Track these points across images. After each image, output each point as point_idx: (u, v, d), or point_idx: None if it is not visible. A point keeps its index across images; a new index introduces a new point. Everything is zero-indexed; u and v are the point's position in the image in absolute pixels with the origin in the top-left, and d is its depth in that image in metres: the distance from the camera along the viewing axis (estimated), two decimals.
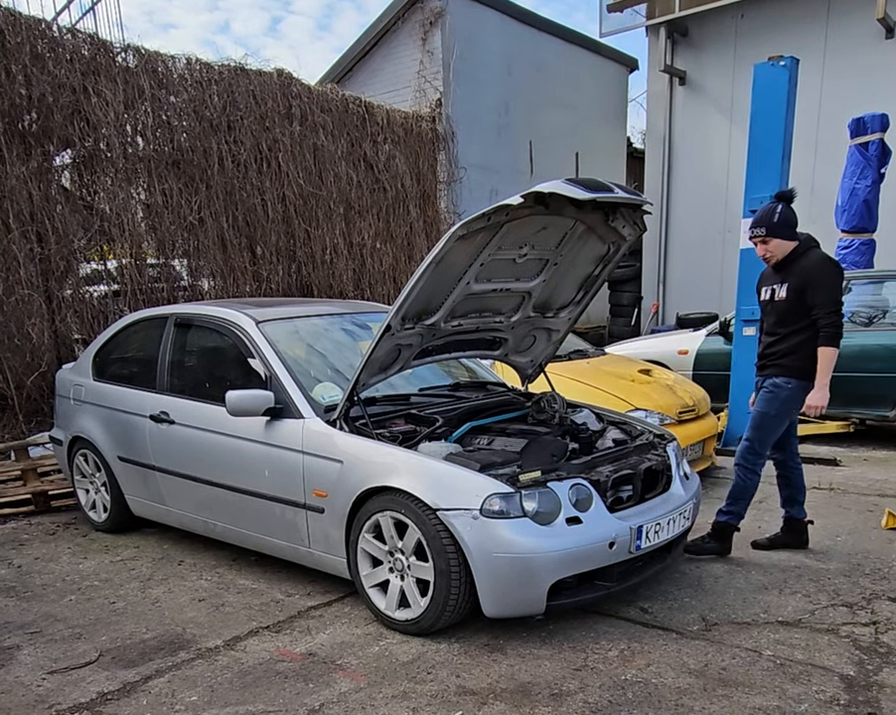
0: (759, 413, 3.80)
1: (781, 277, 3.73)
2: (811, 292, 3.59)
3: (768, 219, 3.70)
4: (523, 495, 2.95)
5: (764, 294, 3.88)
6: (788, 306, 3.70)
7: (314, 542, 3.48)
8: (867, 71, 9.24)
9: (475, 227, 3.09)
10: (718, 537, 3.94)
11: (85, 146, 6.65)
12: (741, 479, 3.88)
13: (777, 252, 3.71)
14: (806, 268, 3.64)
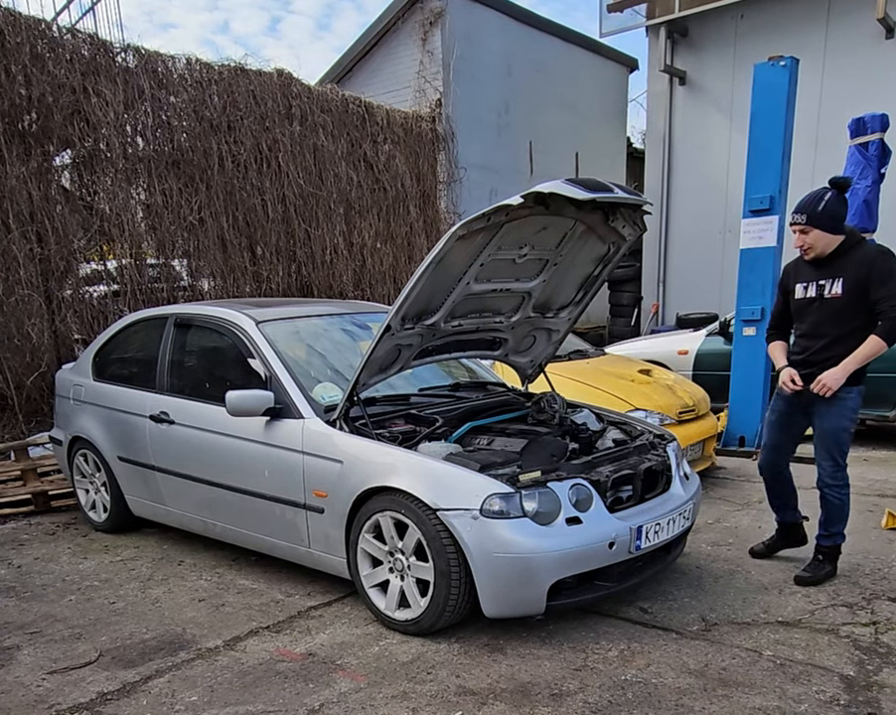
0: (834, 431, 3.45)
1: (830, 272, 3.36)
2: (876, 286, 3.25)
3: (811, 207, 3.35)
4: (523, 495, 2.95)
5: (803, 291, 3.47)
6: (845, 304, 3.34)
7: (314, 542, 3.48)
8: (867, 72, 9.24)
9: (475, 227, 3.09)
10: (832, 560, 3.64)
11: (85, 146, 6.65)
12: (838, 499, 3.52)
13: (816, 245, 3.36)
14: (866, 261, 3.30)
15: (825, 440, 3.47)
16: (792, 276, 3.57)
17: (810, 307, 3.45)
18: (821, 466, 3.50)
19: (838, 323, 3.36)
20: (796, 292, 3.50)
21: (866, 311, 3.30)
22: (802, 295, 3.48)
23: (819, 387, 3.35)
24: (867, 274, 3.27)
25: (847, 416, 3.47)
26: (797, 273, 3.54)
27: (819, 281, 3.40)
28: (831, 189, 3.40)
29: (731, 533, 4.36)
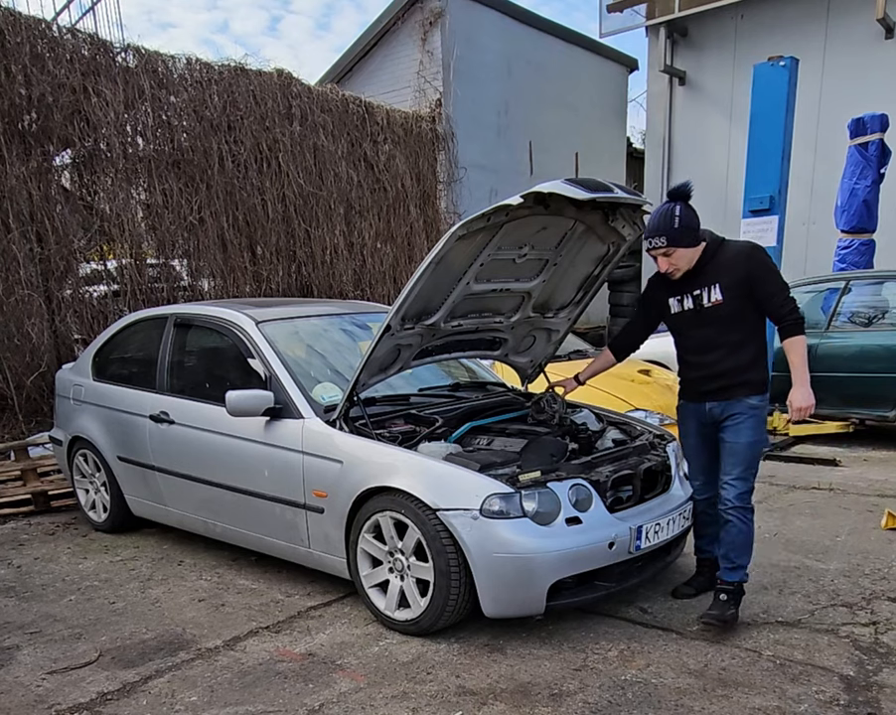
0: (748, 444, 3.10)
1: (703, 280, 3.09)
2: (760, 283, 3.02)
3: (668, 227, 3.01)
4: (523, 495, 2.95)
5: (679, 305, 3.16)
6: (731, 309, 3.06)
7: (314, 542, 3.48)
8: (867, 72, 9.24)
9: (475, 228, 3.09)
10: (736, 601, 3.17)
11: (85, 146, 6.65)
12: (745, 523, 3.10)
13: (681, 264, 3.07)
14: (739, 259, 3.05)
15: (739, 455, 3.09)
16: (661, 290, 3.23)
17: (690, 320, 3.15)
18: (729, 485, 3.09)
19: (731, 329, 3.09)
20: (671, 307, 3.20)
21: (753, 310, 3.08)
22: (678, 309, 3.17)
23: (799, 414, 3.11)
24: (745, 273, 3.02)
25: (762, 427, 3.20)
26: (667, 286, 3.19)
27: (692, 292, 3.11)
28: (677, 201, 3.06)
29: None
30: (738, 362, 3.12)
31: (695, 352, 3.20)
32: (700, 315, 3.12)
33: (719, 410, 3.16)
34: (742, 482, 3.09)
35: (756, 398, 3.15)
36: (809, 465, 5.98)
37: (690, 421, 3.31)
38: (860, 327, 6.59)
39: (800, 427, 6.67)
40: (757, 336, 3.18)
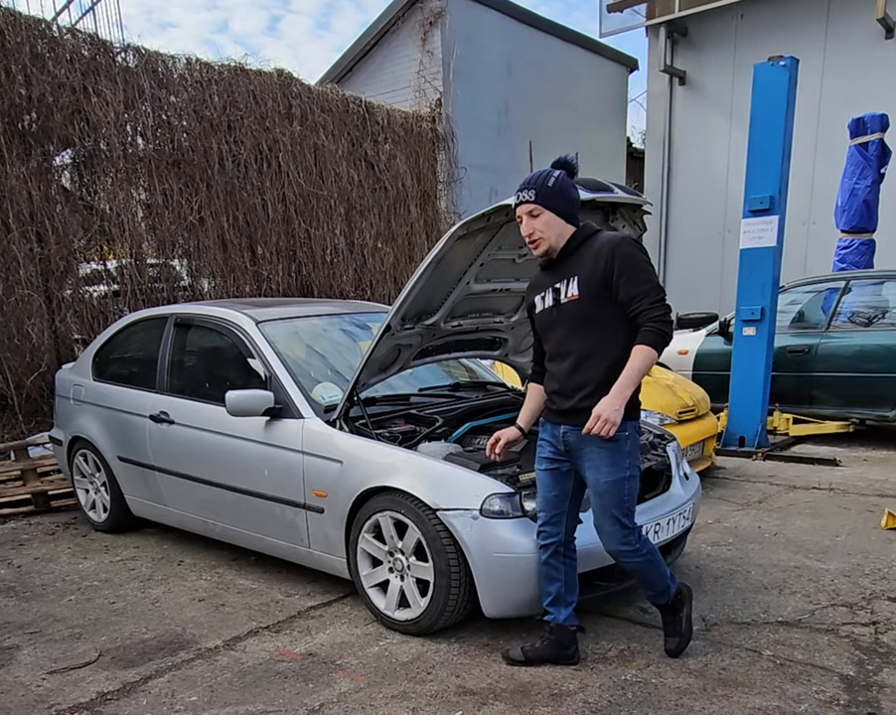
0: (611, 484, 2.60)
1: (565, 272, 2.62)
2: (624, 279, 2.50)
3: (541, 182, 2.60)
4: (523, 495, 2.95)
5: (542, 302, 2.71)
6: (585, 307, 2.57)
7: (314, 542, 3.48)
8: (867, 72, 9.25)
9: (475, 227, 3.09)
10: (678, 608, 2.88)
11: (85, 146, 6.65)
12: (637, 564, 2.72)
13: (548, 233, 2.59)
14: (604, 249, 2.55)
15: (602, 497, 2.63)
16: (531, 292, 2.80)
17: (549, 319, 2.68)
18: (601, 531, 2.68)
19: (585, 334, 2.59)
20: (536, 306, 2.73)
21: (616, 315, 2.55)
22: (541, 307, 2.71)
23: (598, 426, 2.45)
24: (606, 264, 2.52)
25: (624, 462, 2.61)
26: (535, 287, 2.77)
27: (554, 285, 2.65)
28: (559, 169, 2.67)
29: (731, 533, 4.36)
30: (591, 377, 2.58)
31: (552, 358, 2.71)
32: (558, 312, 2.64)
33: (574, 439, 2.63)
34: (616, 526, 2.64)
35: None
36: (809, 465, 5.98)
37: (546, 444, 2.77)
38: (860, 327, 6.59)
39: (799, 427, 6.68)
40: (617, 346, 2.56)
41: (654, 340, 2.48)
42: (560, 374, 2.66)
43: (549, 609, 2.86)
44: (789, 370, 6.68)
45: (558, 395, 2.68)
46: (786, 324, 6.88)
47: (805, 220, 9.63)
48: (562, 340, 2.64)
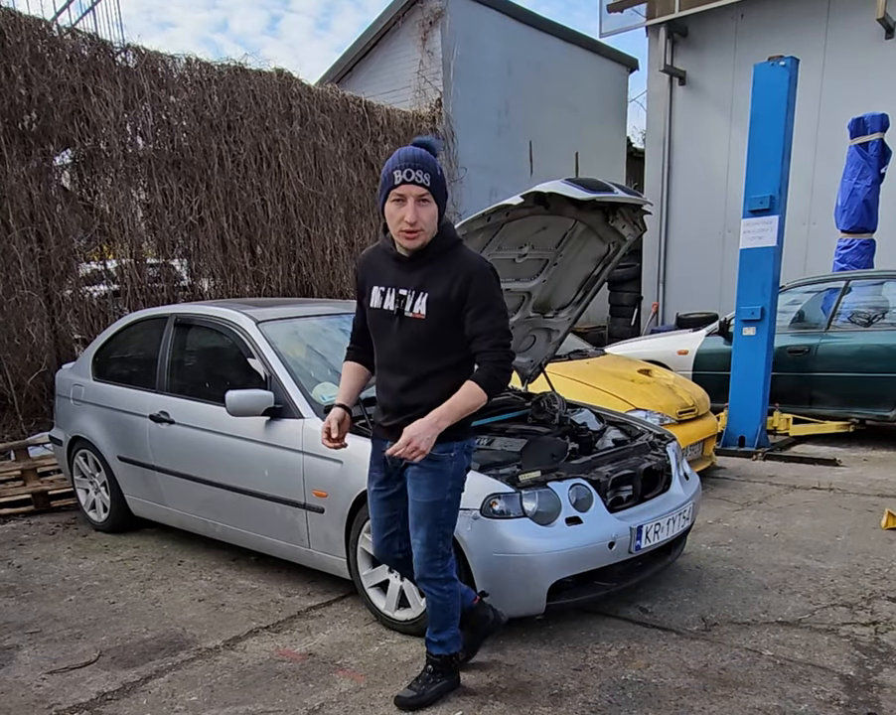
0: (429, 505, 2.48)
1: (416, 280, 2.38)
2: (473, 312, 2.33)
3: (433, 167, 2.29)
4: (524, 495, 2.95)
5: (381, 299, 2.44)
6: (431, 330, 2.37)
7: (314, 542, 3.48)
8: (867, 72, 9.24)
9: (475, 227, 3.09)
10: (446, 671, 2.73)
11: (85, 146, 6.66)
12: (439, 598, 2.60)
13: (430, 230, 2.33)
14: (461, 273, 2.33)
15: (419, 517, 2.50)
16: (368, 272, 2.50)
17: (388, 324, 2.44)
18: (415, 549, 2.55)
19: (423, 355, 2.41)
20: (372, 297, 2.46)
21: (461, 342, 2.39)
22: (378, 304, 2.45)
23: (406, 450, 2.29)
24: (460, 292, 2.33)
25: (446, 484, 2.48)
26: (375, 269, 2.47)
27: (399, 288, 2.40)
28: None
29: (731, 533, 4.36)
30: (424, 399, 2.39)
31: (385, 366, 2.51)
32: (399, 323, 2.41)
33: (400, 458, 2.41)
34: (427, 548, 2.51)
35: (438, 448, 2.37)
36: (809, 465, 5.98)
37: (376, 467, 2.61)
38: (860, 327, 6.59)
39: (800, 427, 6.68)
40: (459, 373, 2.39)
41: (487, 382, 2.34)
42: (393, 389, 2.48)
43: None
44: (789, 370, 6.68)
45: (389, 410, 2.51)
46: (786, 324, 6.87)
47: (805, 220, 9.63)
48: (399, 353, 2.44)
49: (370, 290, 2.47)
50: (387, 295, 2.43)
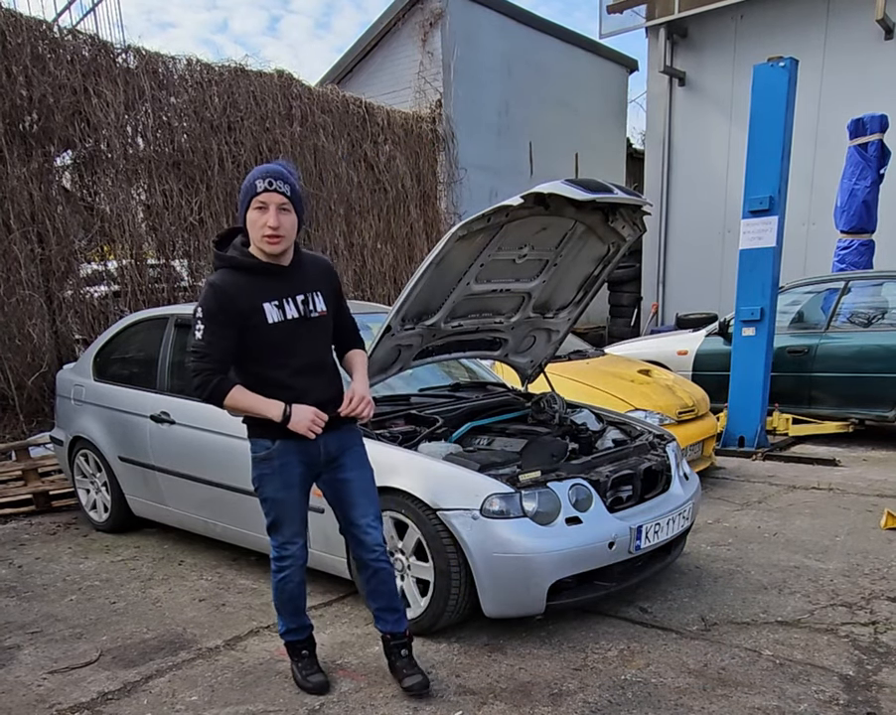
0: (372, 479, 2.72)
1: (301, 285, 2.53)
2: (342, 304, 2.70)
3: (294, 181, 2.46)
4: (523, 495, 2.95)
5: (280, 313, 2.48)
6: (329, 323, 2.62)
7: (314, 542, 3.47)
8: (867, 72, 9.25)
9: (475, 228, 3.10)
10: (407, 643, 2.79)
11: (86, 147, 6.66)
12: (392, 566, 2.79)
13: (291, 237, 2.47)
14: (328, 271, 2.66)
15: (371, 492, 2.68)
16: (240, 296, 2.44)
17: (296, 331, 2.50)
18: (371, 528, 2.64)
19: (327, 348, 2.66)
20: (267, 315, 2.46)
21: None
22: (279, 317, 2.48)
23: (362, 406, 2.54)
24: (335, 287, 2.66)
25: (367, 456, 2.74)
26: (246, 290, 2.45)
27: (295, 296, 2.51)
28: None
29: (731, 533, 4.37)
30: (337, 388, 2.63)
31: (306, 372, 2.54)
32: (308, 325, 2.53)
33: (336, 444, 2.61)
34: (379, 521, 2.69)
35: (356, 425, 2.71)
36: (808, 465, 5.99)
37: (294, 466, 2.59)
38: (860, 327, 6.60)
39: (799, 427, 6.68)
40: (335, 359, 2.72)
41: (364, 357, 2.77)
42: (317, 389, 2.55)
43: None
44: (788, 371, 6.68)
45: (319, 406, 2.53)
46: (785, 324, 6.88)
47: (804, 221, 9.63)
48: (315, 353, 2.57)
49: (258, 310, 2.45)
50: (286, 305, 2.49)
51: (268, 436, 2.55)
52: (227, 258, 2.50)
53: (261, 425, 2.54)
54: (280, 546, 2.66)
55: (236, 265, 2.48)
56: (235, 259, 2.49)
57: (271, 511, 2.63)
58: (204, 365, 2.42)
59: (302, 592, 2.75)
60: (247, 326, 2.45)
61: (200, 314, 2.43)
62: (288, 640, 2.83)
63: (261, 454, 2.59)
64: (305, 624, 2.85)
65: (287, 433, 2.50)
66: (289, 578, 2.68)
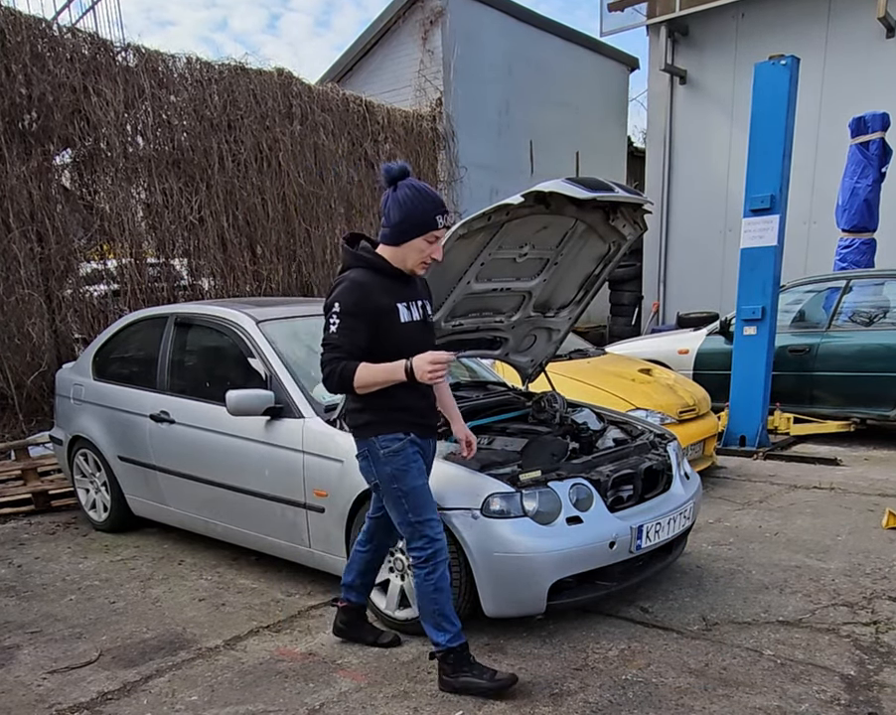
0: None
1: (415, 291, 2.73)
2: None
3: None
4: (524, 494, 2.94)
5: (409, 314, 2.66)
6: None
7: (314, 542, 3.48)
8: (868, 71, 9.24)
9: (475, 227, 3.09)
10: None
11: (86, 145, 6.65)
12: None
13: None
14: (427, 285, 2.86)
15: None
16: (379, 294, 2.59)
17: (419, 333, 2.68)
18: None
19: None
20: (400, 314, 2.62)
21: None
22: (408, 317, 2.65)
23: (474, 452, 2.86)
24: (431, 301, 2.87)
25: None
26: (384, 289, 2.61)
27: (416, 300, 2.71)
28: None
29: (732, 533, 4.36)
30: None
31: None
32: (425, 329, 2.73)
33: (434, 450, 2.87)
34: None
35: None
36: (810, 464, 5.98)
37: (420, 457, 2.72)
38: (861, 326, 6.58)
39: (801, 427, 6.67)
40: None
41: None
42: (429, 391, 2.74)
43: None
44: (790, 370, 6.67)
45: (430, 411, 2.77)
46: (787, 323, 6.87)
47: (805, 220, 9.62)
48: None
49: (393, 308, 2.62)
50: (412, 308, 2.68)
51: (400, 428, 2.65)
52: (367, 259, 2.63)
53: (392, 420, 2.64)
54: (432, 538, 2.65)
55: (375, 267, 2.63)
56: (375, 261, 2.63)
57: (417, 500, 2.65)
58: (334, 356, 2.52)
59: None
60: (382, 323, 2.59)
61: (336, 308, 2.53)
62: (456, 644, 2.69)
63: (395, 447, 2.64)
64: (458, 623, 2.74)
65: (414, 426, 2.67)
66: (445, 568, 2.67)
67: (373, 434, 2.65)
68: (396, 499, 2.65)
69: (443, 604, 2.67)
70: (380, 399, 2.59)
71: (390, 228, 2.59)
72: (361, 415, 2.67)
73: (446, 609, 2.68)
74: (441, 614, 2.67)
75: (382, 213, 2.63)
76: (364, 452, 2.70)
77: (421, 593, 2.68)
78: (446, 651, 2.70)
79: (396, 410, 2.63)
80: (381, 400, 2.60)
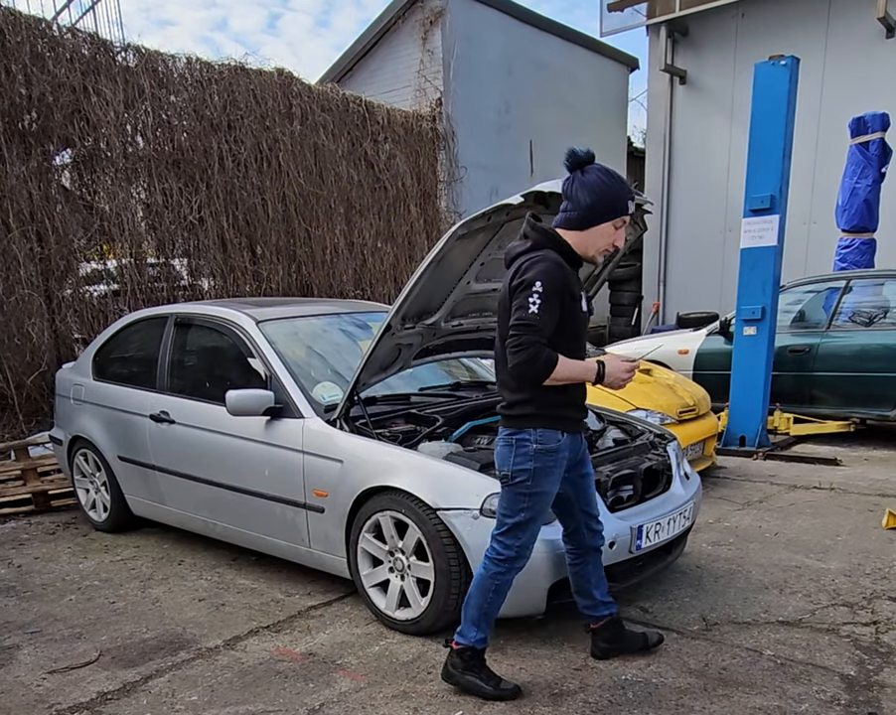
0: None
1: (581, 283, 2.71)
2: None
3: None
4: None
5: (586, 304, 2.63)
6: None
7: (314, 542, 3.48)
8: (868, 71, 9.24)
9: (475, 227, 3.09)
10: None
11: (85, 145, 6.65)
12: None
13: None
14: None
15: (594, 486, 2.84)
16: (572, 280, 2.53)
17: (586, 326, 2.69)
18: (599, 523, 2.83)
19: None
20: (582, 302, 2.59)
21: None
22: (586, 308, 2.63)
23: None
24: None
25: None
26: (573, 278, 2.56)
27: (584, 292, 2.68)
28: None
29: (732, 533, 4.36)
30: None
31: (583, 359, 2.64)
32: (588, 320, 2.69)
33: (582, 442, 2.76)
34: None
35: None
36: (810, 464, 5.98)
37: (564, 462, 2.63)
38: (861, 326, 6.58)
39: (800, 427, 6.67)
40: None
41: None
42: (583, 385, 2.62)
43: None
44: (789, 370, 6.67)
45: (584, 403, 2.69)
46: (787, 323, 6.87)
47: (805, 220, 9.62)
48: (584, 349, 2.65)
49: (579, 297, 2.55)
50: (583, 299, 2.60)
51: (560, 428, 2.56)
52: (560, 242, 2.52)
53: (558, 417, 2.55)
54: (525, 546, 2.61)
55: (563, 250, 2.52)
56: (565, 245, 2.52)
57: (540, 505, 2.58)
58: (536, 338, 2.40)
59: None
60: (568, 308, 2.49)
61: (539, 287, 2.40)
62: (480, 646, 2.68)
63: (551, 446, 2.54)
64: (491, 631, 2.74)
65: (569, 426, 2.59)
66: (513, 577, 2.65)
67: (533, 426, 2.53)
68: (519, 495, 2.54)
69: (493, 607, 2.66)
70: (554, 395, 2.50)
71: (578, 212, 2.48)
72: (526, 406, 2.52)
73: (493, 611, 2.67)
74: (486, 614, 2.66)
75: (565, 197, 2.51)
76: (510, 440, 2.54)
77: (480, 586, 2.65)
78: (467, 647, 2.68)
79: (564, 407, 2.55)
80: (555, 396, 2.50)
